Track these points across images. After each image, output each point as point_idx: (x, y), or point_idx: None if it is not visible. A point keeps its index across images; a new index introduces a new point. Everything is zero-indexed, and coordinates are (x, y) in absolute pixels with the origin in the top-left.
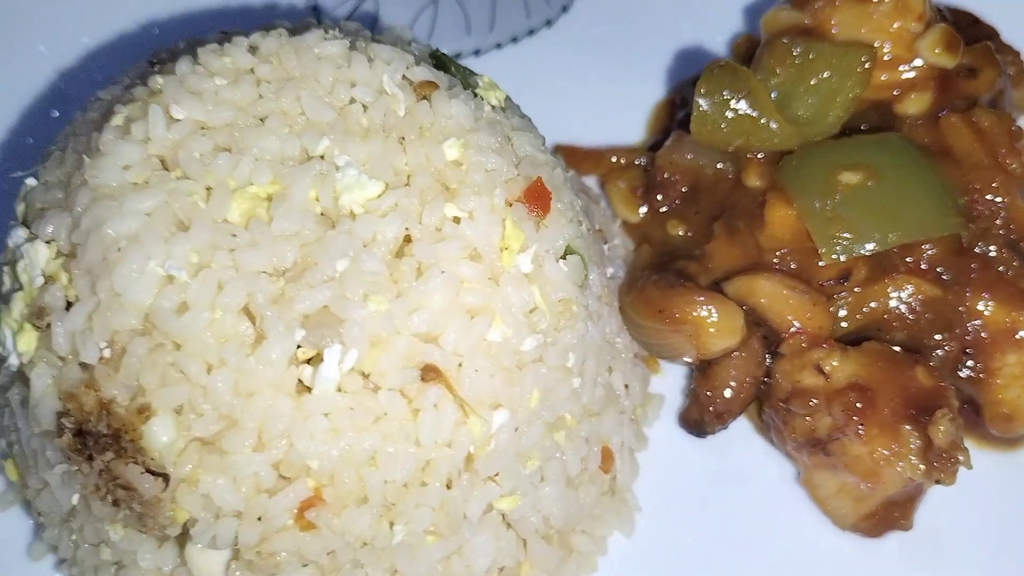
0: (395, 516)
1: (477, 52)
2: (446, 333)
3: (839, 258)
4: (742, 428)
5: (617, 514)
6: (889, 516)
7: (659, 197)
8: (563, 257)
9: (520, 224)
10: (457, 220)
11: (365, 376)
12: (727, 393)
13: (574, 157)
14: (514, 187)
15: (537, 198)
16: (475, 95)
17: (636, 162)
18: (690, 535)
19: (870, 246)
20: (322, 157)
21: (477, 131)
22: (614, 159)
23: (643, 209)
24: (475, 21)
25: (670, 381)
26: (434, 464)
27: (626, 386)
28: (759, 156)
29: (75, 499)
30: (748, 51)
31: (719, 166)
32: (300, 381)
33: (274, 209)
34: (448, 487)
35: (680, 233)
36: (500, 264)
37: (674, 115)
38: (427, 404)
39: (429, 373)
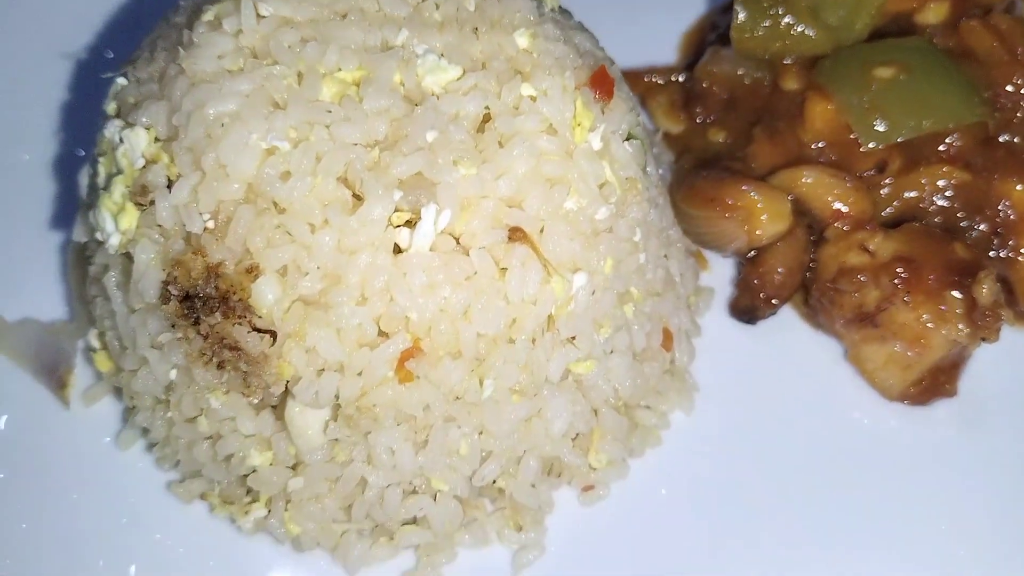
0: (485, 371)
1: None
2: (529, 199)
3: (877, 145)
4: (788, 317)
5: (678, 392)
6: (936, 382)
7: (699, 108)
8: (626, 140)
9: (589, 105)
10: (533, 99)
11: (456, 238)
12: (777, 278)
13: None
14: (581, 73)
15: (602, 84)
16: None
17: (673, 79)
18: (745, 415)
19: (905, 132)
20: (402, 46)
21: (543, 23)
22: (651, 78)
23: (684, 120)
24: None
25: (717, 277)
26: (520, 321)
27: (681, 275)
28: (794, 62)
29: (174, 374)
30: None
31: (756, 75)
32: (397, 244)
33: (363, 91)
34: (534, 346)
35: (721, 140)
36: (573, 140)
37: (704, 40)
38: (514, 263)
39: (516, 234)
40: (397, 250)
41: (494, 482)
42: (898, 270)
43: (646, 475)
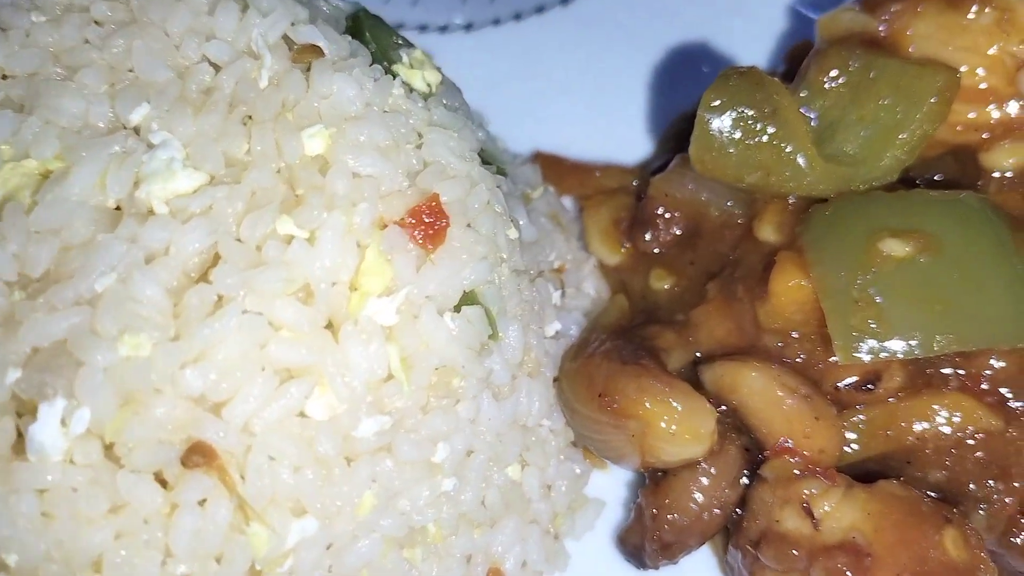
0: None
1: (469, 26)
2: (237, 399)
3: (859, 359)
4: (703, 562)
5: None
6: None
7: (647, 236)
8: (457, 309)
9: (392, 256)
10: (289, 239)
11: (108, 446)
12: (681, 518)
13: (555, 170)
14: (397, 203)
15: (429, 222)
16: (389, 73)
17: (629, 186)
18: None
19: (905, 349)
20: (136, 130)
21: (362, 121)
22: (600, 177)
23: (627, 247)
24: None
25: (617, 480)
26: None
27: (548, 487)
28: (783, 201)
29: None
30: (797, 65)
31: (727, 207)
32: (21, 435)
33: (43, 194)
34: None
35: (665, 287)
36: (346, 309)
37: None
38: (188, 498)
39: (196, 456)
40: (17, 454)
41: None
42: (842, 567)
43: None
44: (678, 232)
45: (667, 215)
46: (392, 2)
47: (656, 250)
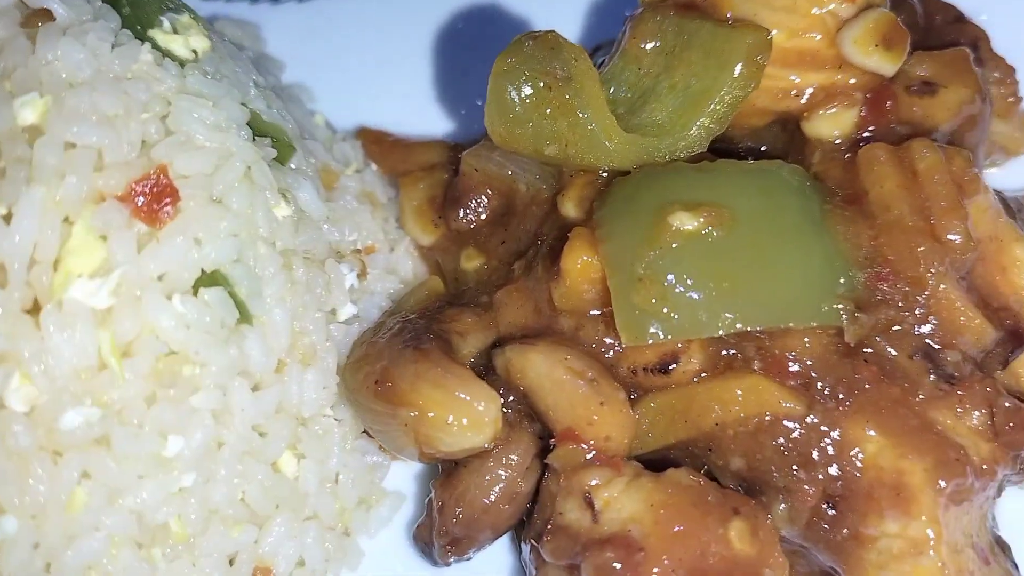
0: None
1: None
2: None
3: (642, 341)
4: (500, 557)
5: None
6: None
7: (460, 214)
8: (194, 291)
9: (106, 232)
10: None
11: None
12: (471, 511)
13: (379, 147)
14: (117, 176)
15: (152, 195)
16: (140, 39)
17: (448, 163)
18: None
19: (687, 328)
20: None
21: (86, 87)
22: (422, 155)
23: (441, 225)
24: None
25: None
26: None
27: (335, 479)
28: (589, 175)
29: None
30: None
31: (536, 180)
32: None
33: None
34: None
35: (475, 267)
36: (47, 290)
37: None
38: None
39: None
40: None
41: None
42: (611, 560)
43: None
44: (489, 210)
45: (478, 192)
46: None
47: (470, 227)
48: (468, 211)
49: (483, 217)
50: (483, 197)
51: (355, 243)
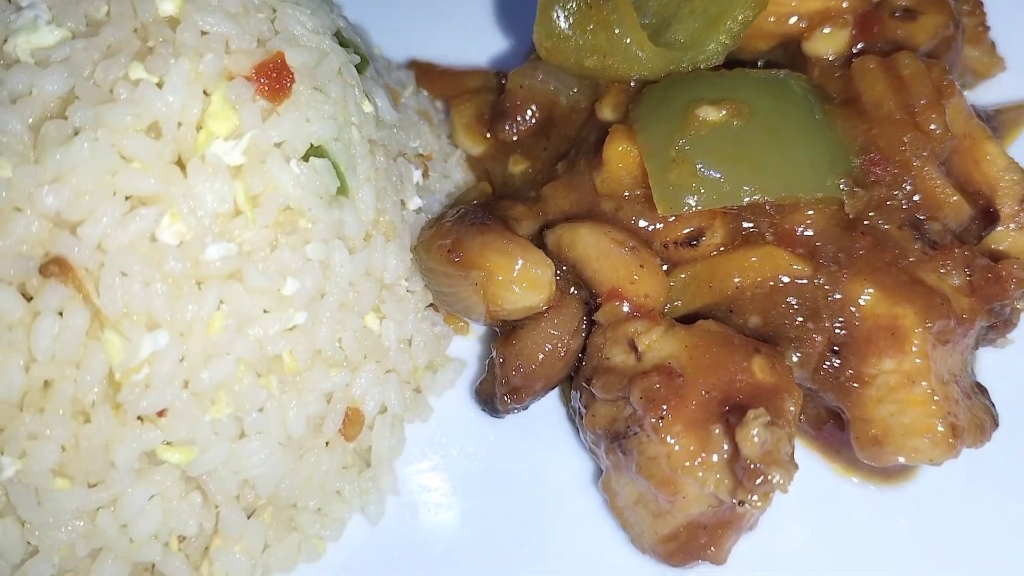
0: (2, 445)
1: None
2: (90, 220)
3: (677, 210)
4: (552, 412)
5: (363, 494)
6: (693, 543)
7: (507, 127)
8: (305, 158)
9: (237, 104)
10: (136, 83)
11: None
12: (528, 366)
13: (428, 76)
14: (244, 60)
15: (273, 77)
16: None
17: (492, 87)
18: (454, 534)
19: (714, 199)
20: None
21: None
22: (468, 80)
23: (490, 138)
24: None
25: (477, 346)
26: (56, 386)
27: (407, 341)
28: (622, 85)
29: None
30: None
31: (573, 94)
32: None
33: None
34: (85, 419)
35: (521, 170)
36: (192, 146)
37: None
38: (47, 305)
39: (55, 267)
40: None
41: None
42: (656, 384)
43: None
44: (534, 121)
45: (522, 106)
46: None
47: (515, 138)
48: (515, 123)
49: (527, 128)
50: (528, 111)
51: (417, 149)
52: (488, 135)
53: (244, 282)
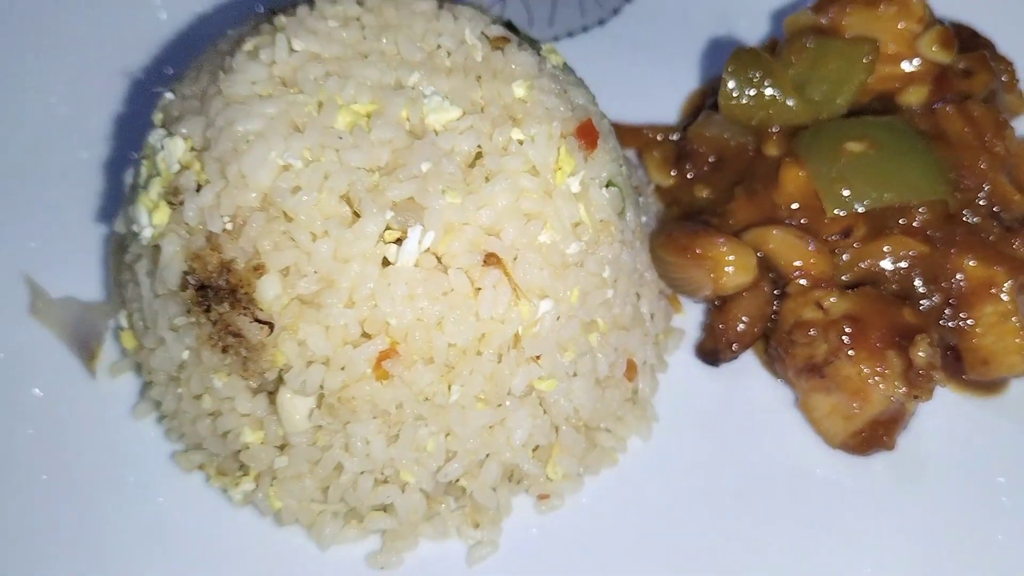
0: (453, 378)
1: None
2: (506, 229)
3: (840, 212)
4: (750, 362)
5: (637, 419)
6: (875, 435)
7: (688, 166)
8: (606, 187)
9: (572, 153)
10: (520, 142)
11: (438, 257)
12: (740, 326)
13: (616, 132)
14: (568, 124)
15: (587, 135)
16: (539, 54)
17: (669, 137)
18: (698, 447)
19: (867, 203)
20: (412, 87)
21: (541, 77)
22: (650, 134)
23: (674, 175)
24: (537, 17)
25: (689, 320)
26: (489, 337)
27: (652, 315)
28: (776, 131)
29: (186, 354)
30: (775, 50)
31: (741, 139)
32: (385, 258)
33: (373, 122)
34: (499, 360)
35: (706, 195)
36: (553, 182)
37: (705, 101)
38: (487, 284)
39: (491, 259)
40: (386, 263)
41: (457, 481)
42: (845, 327)
43: (599, 491)
44: (710, 160)
45: (701, 150)
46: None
47: (696, 174)
48: (696, 163)
49: (706, 166)
50: (705, 154)
51: (633, 182)
52: (673, 172)
53: (585, 268)
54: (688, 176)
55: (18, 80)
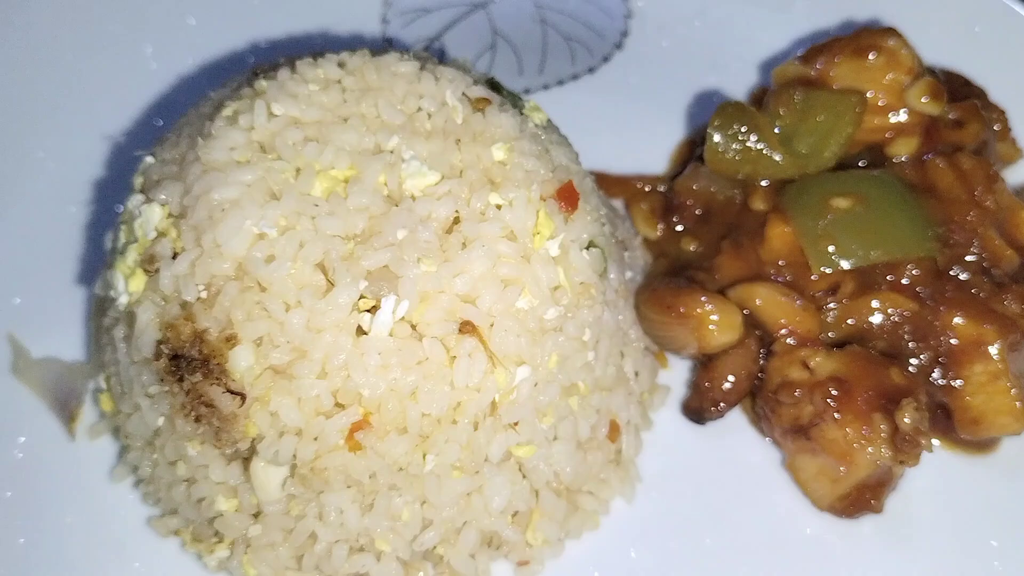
0: (428, 447)
1: (527, 91)
2: (483, 296)
3: (826, 270)
4: (737, 420)
5: (620, 481)
6: (862, 499)
7: (675, 218)
8: (587, 248)
9: (551, 216)
10: (499, 207)
11: (413, 326)
12: (725, 385)
13: (604, 182)
14: (549, 186)
15: (567, 197)
16: (521, 113)
17: (657, 188)
18: (683, 508)
19: (853, 261)
20: (391, 151)
21: (521, 139)
22: (638, 185)
23: (661, 227)
24: (527, 65)
25: (675, 376)
26: (464, 405)
27: (636, 373)
28: (764, 184)
29: (161, 421)
30: (762, 100)
31: (729, 192)
32: (360, 327)
33: (350, 188)
34: (475, 428)
35: (692, 248)
36: (532, 246)
37: (693, 152)
38: (462, 352)
39: (466, 327)
40: (360, 332)
41: (435, 548)
42: (831, 389)
43: (580, 556)
44: (697, 213)
45: (688, 202)
46: None
47: (683, 227)
48: (683, 216)
49: (693, 219)
50: (692, 206)
51: (618, 236)
52: (661, 225)
53: (564, 332)
54: (676, 229)
55: (7, 133)
